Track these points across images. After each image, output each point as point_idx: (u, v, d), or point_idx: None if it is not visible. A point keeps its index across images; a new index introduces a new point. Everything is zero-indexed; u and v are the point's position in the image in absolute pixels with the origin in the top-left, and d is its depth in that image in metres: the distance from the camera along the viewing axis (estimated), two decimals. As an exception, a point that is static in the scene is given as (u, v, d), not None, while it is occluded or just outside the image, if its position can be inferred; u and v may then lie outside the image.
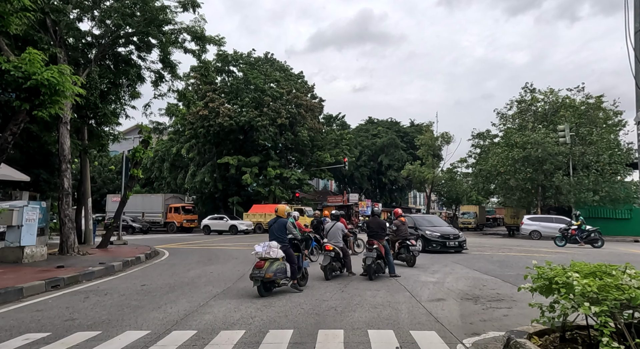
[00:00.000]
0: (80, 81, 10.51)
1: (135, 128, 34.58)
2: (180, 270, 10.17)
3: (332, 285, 7.87)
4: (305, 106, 33.51)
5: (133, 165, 15.83)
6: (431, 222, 15.90)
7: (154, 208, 33.39)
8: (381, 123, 51.55)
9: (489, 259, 12.46)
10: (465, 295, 6.89)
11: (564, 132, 25.28)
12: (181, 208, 32.56)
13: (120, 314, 5.58)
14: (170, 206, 32.90)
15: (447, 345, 4.26)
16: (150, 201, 33.95)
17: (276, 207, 7.97)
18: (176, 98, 16.78)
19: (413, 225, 14.75)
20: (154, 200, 34.10)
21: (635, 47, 5.27)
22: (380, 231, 9.00)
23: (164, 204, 33.23)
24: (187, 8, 14.00)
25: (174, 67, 15.05)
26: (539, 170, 25.62)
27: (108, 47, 13.99)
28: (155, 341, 4.37)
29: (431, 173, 39.93)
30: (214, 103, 31.76)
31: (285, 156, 35.82)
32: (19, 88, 8.46)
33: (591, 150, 25.71)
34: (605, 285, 3.29)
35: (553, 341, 3.82)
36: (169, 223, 32.43)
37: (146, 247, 15.19)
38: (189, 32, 14.49)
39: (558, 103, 30.67)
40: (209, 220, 29.40)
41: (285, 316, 5.41)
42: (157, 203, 33.60)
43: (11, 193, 14.34)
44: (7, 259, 10.51)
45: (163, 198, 33.72)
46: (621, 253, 14.66)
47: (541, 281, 3.72)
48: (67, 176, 12.78)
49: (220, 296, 6.77)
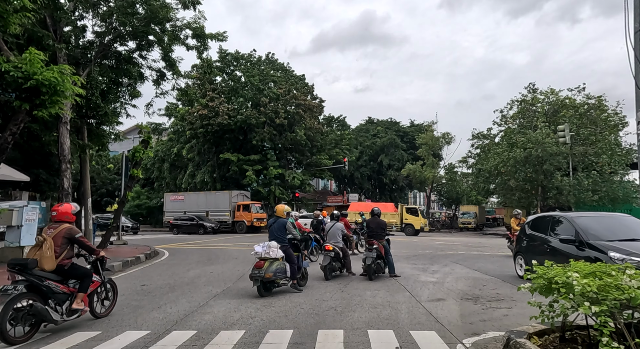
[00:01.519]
0: (81, 81, 10.50)
1: (135, 128, 34.58)
2: (180, 270, 10.17)
3: (332, 285, 7.87)
4: (304, 106, 33.50)
5: (133, 165, 15.81)
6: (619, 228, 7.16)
7: (219, 206, 30.74)
8: (381, 123, 51.56)
9: (489, 259, 12.46)
10: (465, 295, 6.89)
11: (563, 132, 25.29)
12: (251, 205, 29.97)
13: (120, 314, 5.58)
14: (239, 204, 30.40)
15: (447, 345, 4.26)
16: (215, 198, 31.37)
17: (275, 207, 7.98)
18: (177, 96, 16.75)
19: (573, 234, 7.05)
20: (220, 197, 31.30)
21: (635, 47, 5.27)
22: (380, 231, 8.99)
23: (231, 202, 30.55)
24: (187, 6, 14.02)
25: (175, 64, 15.04)
26: (539, 170, 25.62)
27: (109, 45, 13.98)
28: (155, 341, 4.37)
29: (431, 172, 39.93)
30: (213, 103, 31.77)
31: (285, 156, 35.81)
32: (19, 88, 8.45)
33: (591, 150, 25.72)
34: (605, 284, 3.30)
35: (553, 341, 3.83)
36: (238, 223, 29.77)
37: (146, 247, 15.19)
38: (191, 28, 14.49)
39: (559, 104, 30.69)
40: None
41: (285, 316, 5.41)
42: (223, 200, 30.79)
43: (11, 193, 14.34)
44: (7, 259, 10.44)
45: (230, 196, 30.83)
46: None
47: (541, 281, 3.72)
48: (67, 176, 12.78)
49: (220, 296, 6.77)
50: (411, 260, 11.99)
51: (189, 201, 32.11)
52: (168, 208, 33.06)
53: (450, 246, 17.09)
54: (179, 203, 32.58)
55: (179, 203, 32.50)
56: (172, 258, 13.03)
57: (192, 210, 30.76)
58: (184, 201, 32.42)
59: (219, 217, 30.15)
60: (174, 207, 32.49)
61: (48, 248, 4.74)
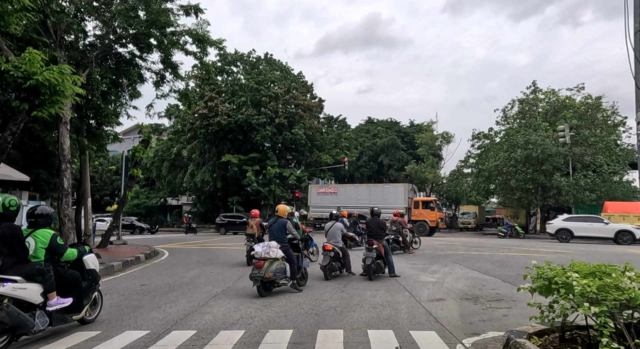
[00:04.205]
0: (81, 81, 10.51)
1: (135, 128, 34.52)
2: (179, 269, 10.17)
3: (331, 285, 7.87)
4: (303, 106, 33.50)
5: (133, 165, 15.83)
6: None
7: (389, 201, 25.92)
8: (381, 123, 51.55)
9: (489, 259, 12.46)
10: (465, 295, 6.89)
11: (563, 132, 25.32)
12: (433, 203, 26.14)
13: (119, 314, 5.58)
14: (417, 201, 26.61)
15: (447, 345, 4.27)
16: (383, 192, 27.14)
17: (277, 207, 7.98)
18: (177, 98, 16.78)
19: None
20: (390, 190, 27.05)
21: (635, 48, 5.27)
22: (380, 231, 8.99)
23: (407, 197, 26.38)
24: (189, 13, 14.03)
25: (175, 67, 15.07)
26: (539, 170, 25.65)
27: (109, 47, 13.99)
28: (155, 341, 4.38)
29: (432, 172, 39.93)
30: (212, 102, 31.78)
31: (285, 156, 35.82)
32: (18, 88, 8.46)
33: (591, 150, 25.75)
34: (604, 285, 3.30)
35: (552, 341, 3.83)
36: (417, 222, 25.48)
37: (146, 247, 15.19)
38: (191, 35, 14.52)
39: (559, 104, 30.73)
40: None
41: (285, 316, 5.42)
42: (396, 195, 26.45)
43: (11, 193, 14.33)
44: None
45: (405, 190, 26.69)
46: (621, 253, 14.66)
47: (541, 282, 3.73)
48: (67, 176, 12.78)
49: (220, 296, 6.77)
50: (411, 260, 11.99)
51: (344, 194, 28.23)
52: (314, 202, 28.75)
53: (450, 246, 17.09)
54: (330, 196, 28.60)
55: (330, 197, 28.54)
56: (172, 258, 13.03)
57: (348, 205, 25.81)
58: (337, 194, 28.55)
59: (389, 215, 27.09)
60: (323, 201, 28.34)
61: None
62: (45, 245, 4.55)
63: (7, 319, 3.99)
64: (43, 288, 4.39)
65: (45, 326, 4.40)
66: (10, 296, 4.09)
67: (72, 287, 4.75)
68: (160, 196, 40.81)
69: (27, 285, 4.26)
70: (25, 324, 4.11)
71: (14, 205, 4.50)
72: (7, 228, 4.32)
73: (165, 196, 40.76)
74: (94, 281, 5.18)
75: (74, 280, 4.79)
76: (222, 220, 28.51)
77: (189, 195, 39.57)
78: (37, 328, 4.25)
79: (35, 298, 4.30)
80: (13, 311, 4.02)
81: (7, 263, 4.28)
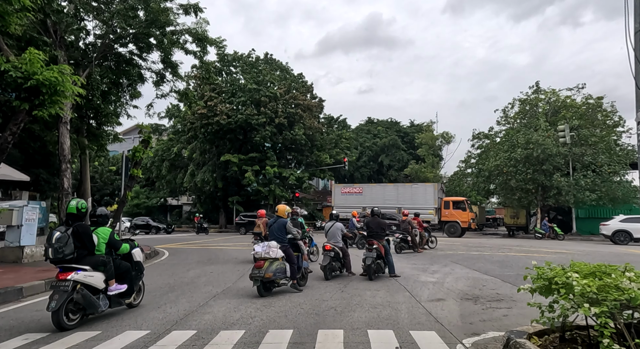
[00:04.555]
0: (81, 81, 10.51)
1: (135, 128, 34.55)
2: (180, 269, 10.17)
3: (331, 285, 7.87)
4: (303, 106, 33.50)
5: (133, 165, 15.81)
6: None
7: (418, 201, 25.42)
8: (381, 123, 51.56)
9: (489, 259, 12.45)
10: (465, 295, 6.89)
11: (564, 132, 25.30)
12: (464, 203, 25.11)
13: (119, 314, 5.58)
14: (447, 201, 25.48)
15: (447, 345, 4.26)
16: (411, 192, 26.33)
17: (277, 207, 7.98)
18: (177, 98, 16.79)
19: None
20: (420, 190, 26.23)
21: (635, 48, 5.27)
22: (380, 231, 8.99)
23: (436, 197, 25.65)
24: (189, 12, 14.05)
25: (175, 67, 15.07)
26: (539, 170, 25.64)
27: (109, 47, 14.00)
28: (155, 341, 4.37)
29: (432, 172, 39.93)
30: (212, 102, 31.78)
31: (285, 156, 35.82)
32: (18, 88, 8.46)
33: (590, 150, 25.74)
34: (605, 285, 3.30)
35: (553, 342, 3.82)
36: (448, 223, 24.85)
37: (146, 247, 15.18)
38: (191, 34, 14.52)
39: (559, 104, 30.71)
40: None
41: (285, 316, 5.41)
42: (425, 195, 25.69)
43: (11, 193, 14.34)
44: (7, 259, 10.51)
45: (435, 189, 25.93)
46: (621, 253, 14.66)
47: (541, 282, 3.73)
48: (67, 176, 12.78)
49: (220, 296, 6.77)
50: (411, 260, 12.00)
51: (370, 194, 27.45)
52: (338, 202, 27.93)
53: (450, 246, 17.09)
54: (355, 196, 27.93)
55: (355, 197, 27.89)
56: (172, 258, 13.04)
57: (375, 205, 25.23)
58: (362, 194, 27.88)
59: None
60: (348, 202, 27.58)
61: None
62: (106, 240, 5.43)
63: (82, 301, 4.93)
64: (105, 276, 5.28)
65: (106, 307, 5.29)
66: (82, 282, 4.99)
67: (125, 275, 5.62)
68: (160, 196, 40.81)
69: (93, 273, 5.16)
70: (94, 305, 5.05)
71: (84, 208, 5.31)
72: (79, 227, 5.14)
73: (165, 196, 40.77)
74: (140, 271, 6.03)
75: (127, 269, 5.66)
76: (242, 220, 28.70)
77: (189, 195, 39.55)
78: (101, 309, 5.16)
79: (99, 284, 5.20)
80: (86, 294, 4.97)
81: (79, 255, 5.09)
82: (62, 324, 4.75)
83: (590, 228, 25.54)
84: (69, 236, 5.02)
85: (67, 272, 4.95)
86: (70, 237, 5.02)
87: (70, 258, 5.01)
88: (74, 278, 4.91)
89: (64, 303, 4.76)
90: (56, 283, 4.92)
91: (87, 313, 5.12)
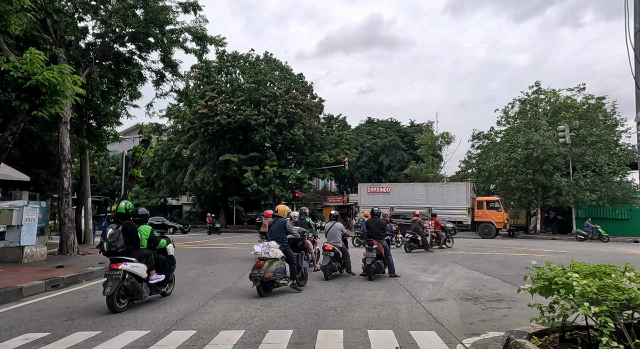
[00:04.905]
0: (81, 81, 10.52)
1: (135, 128, 34.56)
2: (180, 269, 10.13)
3: (331, 285, 7.87)
4: (303, 106, 33.49)
5: (133, 165, 15.84)
6: None
7: (449, 201, 24.74)
8: (381, 123, 51.53)
9: (489, 259, 12.46)
10: (465, 295, 6.89)
11: (564, 132, 25.30)
12: (499, 202, 24.23)
13: (119, 314, 5.57)
14: (480, 200, 24.52)
15: (447, 345, 4.26)
16: (442, 191, 25.44)
17: (277, 207, 7.98)
18: (177, 98, 16.80)
19: None
20: (451, 189, 25.30)
21: (635, 48, 5.27)
22: (380, 232, 8.98)
23: (469, 197, 24.64)
24: (187, 10, 14.05)
25: (175, 66, 15.07)
26: (539, 170, 25.64)
27: (109, 46, 14.00)
28: (155, 341, 4.37)
29: (432, 172, 39.91)
30: (212, 102, 31.78)
31: (285, 156, 35.80)
32: (18, 88, 8.46)
33: (590, 150, 25.74)
34: (604, 285, 3.30)
35: (553, 342, 3.83)
36: (482, 224, 23.88)
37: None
38: (190, 32, 14.52)
39: (559, 104, 30.72)
40: None
41: (285, 316, 5.41)
42: (456, 194, 24.71)
43: (11, 193, 14.33)
44: (7, 259, 10.51)
45: (467, 189, 24.84)
46: (621, 253, 14.66)
47: (541, 282, 3.73)
48: (67, 176, 12.79)
49: (220, 296, 6.77)
50: (411, 260, 12.00)
51: (398, 194, 26.69)
52: (364, 202, 27.06)
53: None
54: (382, 196, 27.10)
55: (382, 197, 27.04)
56: (172, 258, 13.02)
57: (403, 205, 24.87)
58: (389, 194, 27.07)
59: (449, 215, 23.89)
60: (375, 201, 26.26)
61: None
62: (147, 237, 6.32)
63: (131, 288, 5.75)
64: (147, 267, 6.06)
65: (148, 294, 6.14)
66: (130, 272, 5.77)
67: (163, 267, 6.48)
68: (160, 197, 40.79)
69: (139, 265, 5.95)
70: (140, 291, 5.87)
71: (130, 208, 6.18)
72: (127, 224, 5.96)
73: (165, 196, 40.74)
74: (172, 264, 6.89)
75: (163, 262, 6.52)
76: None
77: (189, 195, 39.53)
78: (144, 295, 6.02)
79: (143, 274, 5.99)
80: (134, 282, 5.81)
81: (127, 248, 5.89)
82: (115, 307, 5.52)
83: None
84: (119, 233, 5.83)
85: (118, 263, 5.74)
86: (120, 233, 5.83)
87: (121, 251, 5.81)
88: (124, 268, 5.70)
89: (117, 289, 5.55)
90: (109, 272, 5.71)
91: (134, 299, 5.88)
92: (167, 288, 6.71)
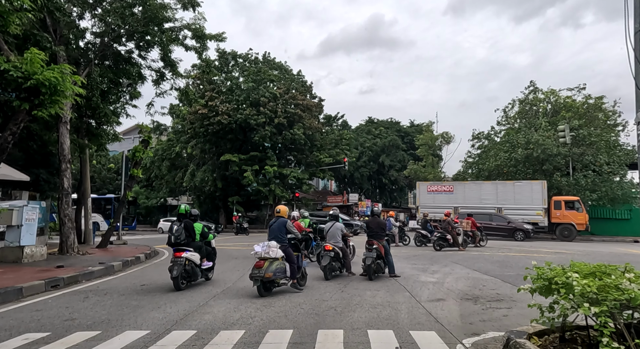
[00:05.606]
0: (81, 81, 10.51)
1: (135, 128, 34.50)
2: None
3: (331, 285, 7.87)
4: (303, 106, 33.47)
5: (133, 165, 15.83)
6: None
7: (522, 201, 23.12)
8: (381, 123, 51.52)
9: (489, 259, 12.45)
10: (465, 295, 6.89)
11: (564, 132, 25.30)
12: (579, 202, 22.58)
13: (119, 314, 5.58)
14: (558, 200, 22.84)
15: (447, 345, 4.26)
16: (514, 190, 23.66)
17: (278, 207, 7.98)
18: (177, 97, 16.76)
19: None
20: (524, 188, 23.42)
21: (635, 48, 5.27)
22: (380, 232, 8.98)
23: (544, 196, 22.84)
24: (186, 7, 14.02)
25: (174, 65, 15.05)
26: (539, 170, 25.64)
27: (108, 45, 13.99)
28: (155, 341, 4.37)
29: (432, 172, 39.90)
30: (212, 102, 31.76)
31: (285, 156, 35.79)
32: (18, 88, 8.46)
33: (590, 150, 25.74)
34: (604, 285, 3.30)
35: (553, 342, 3.82)
36: (560, 225, 22.37)
37: (146, 247, 15.19)
38: (190, 29, 14.50)
39: (559, 104, 30.74)
40: None
41: (285, 316, 5.41)
42: (533, 194, 22.97)
43: (11, 192, 14.33)
44: (7, 259, 10.50)
45: (543, 188, 22.91)
46: (621, 254, 14.66)
47: (541, 282, 3.73)
48: (67, 176, 12.78)
49: (220, 296, 6.77)
50: (411, 260, 12.00)
51: (462, 193, 25.21)
52: (424, 201, 25.91)
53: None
54: (445, 195, 25.61)
55: (445, 196, 25.55)
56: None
57: (469, 205, 23.68)
58: (453, 193, 25.56)
59: (522, 216, 22.65)
60: (436, 201, 25.32)
61: None
62: (199, 232, 8.03)
63: (190, 271, 7.45)
64: (200, 256, 7.76)
65: (200, 278, 7.88)
66: (189, 259, 7.43)
67: (210, 256, 8.23)
68: (160, 197, 40.76)
69: (194, 254, 7.60)
70: (196, 274, 7.62)
71: (188, 210, 7.91)
72: (187, 222, 7.70)
73: (165, 196, 40.70)
74: (214, 254, 8.53)
75: (209, 252, 8.25)
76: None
77: (189, 195, 39.50)
78: (199, 278, 7.84)
79: (197, 261, 7.64)
80: (193, 267, 7.52)
81: (187, 241, 7.60)
82: (179, 286, 7.19)
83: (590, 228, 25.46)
84: (182, 229, 7.53)
85: (180, 252, 7.41)
86: (182, 229, 7.53)
87: (184, 243, 7.50)
88: (185, 256, 7.35)
89: (180, 272, 7.20)
90: (174, 259, 7.36)
91: (191, 280, 7.56)
92: (211, 273, 8.35)
